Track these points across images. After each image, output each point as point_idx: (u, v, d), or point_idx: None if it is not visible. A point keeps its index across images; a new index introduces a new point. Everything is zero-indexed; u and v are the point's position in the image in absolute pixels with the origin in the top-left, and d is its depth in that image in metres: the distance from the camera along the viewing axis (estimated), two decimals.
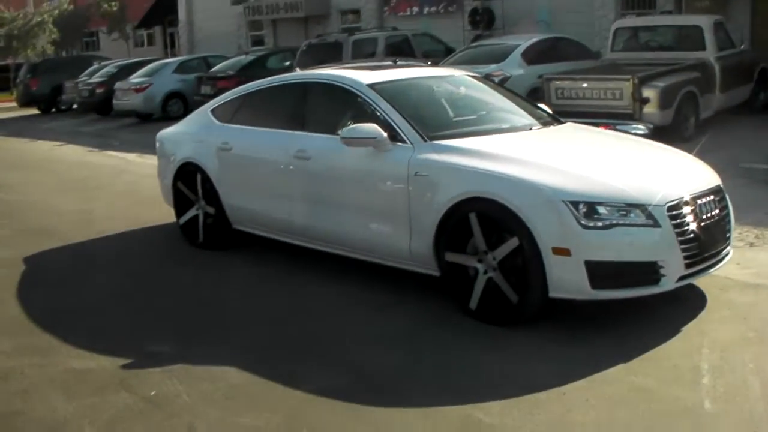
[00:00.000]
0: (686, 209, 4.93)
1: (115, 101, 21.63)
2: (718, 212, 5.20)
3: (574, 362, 4.48)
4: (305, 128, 6.43)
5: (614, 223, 4.74)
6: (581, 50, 15.18)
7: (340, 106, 6.40)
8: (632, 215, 4.78)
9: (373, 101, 5.96)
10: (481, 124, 6.23)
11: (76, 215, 9.40)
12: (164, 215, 8.35)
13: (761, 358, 4.44)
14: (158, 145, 8.20)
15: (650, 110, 10.66)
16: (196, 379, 4.53)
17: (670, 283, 4.84)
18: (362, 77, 6.26)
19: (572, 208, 4.74)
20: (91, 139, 18.70)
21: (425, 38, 18.89)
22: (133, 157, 14.86)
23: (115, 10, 38.63)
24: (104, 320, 5.65)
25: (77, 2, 43.20)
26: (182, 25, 32.50)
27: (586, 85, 11.27)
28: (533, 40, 14.66)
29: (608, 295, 4.84)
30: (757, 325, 4.93)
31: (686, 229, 4.87)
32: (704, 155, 6.14)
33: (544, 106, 7.14)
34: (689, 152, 6.07)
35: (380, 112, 5.86)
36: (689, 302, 5.29)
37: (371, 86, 6.08)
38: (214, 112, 7.50)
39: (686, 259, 4.87)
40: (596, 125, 7.30)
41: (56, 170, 13.77)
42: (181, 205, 7.66)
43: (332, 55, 15.81)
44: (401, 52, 16.42)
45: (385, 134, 5.62)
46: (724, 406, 3.92)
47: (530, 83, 12.87)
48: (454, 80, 6.98)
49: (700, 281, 5.38)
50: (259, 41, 29.02)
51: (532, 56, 13.93)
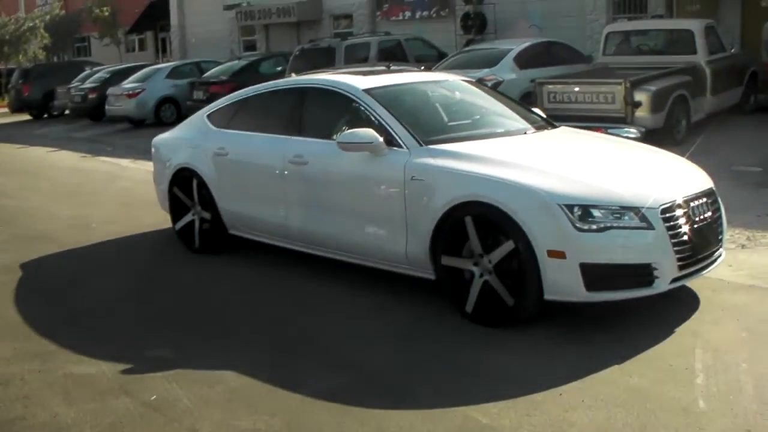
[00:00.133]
0: (679, 212, 4.97)
1: (107, 107, 21.56)
2: (710, 215, 5.25)
3: (570, 363, 4.51)
4: (301, 133, 6.46)
5: (608, 225, 4.78)
6: (573, 54, 15.25)
7: (336, 111, 6.44)
8: (626, 218, 4.82)
9: (369, 106, 5.99)
10: (476, 128, 6.27)
11: (72, 221, 9.40)
12: (160, 220, 8.36)
13: (754, 357, 4.48)
14: (154, 150, 8.21)
15: (642, 114, 10.71)
16: (195, 383, 4.54)
17: (663, 284, 4.88)
18: (358, 82, 6.29)
19: (567, 211, 4.79)
20: (83, 144, 18.66)
21: (418, 43, 18.95)
22: (126, 162, 14.85)
23: (106, 15, 38.52)
24: (103, 325, 5.67)
25: (68, 7, 43.12)
26: (174, 30, 32.45)
27: (578, 89, 11.31)
28: (525, 44, 14.70)
29: (603, 297, 4.88)
30: (749, 325, 4.97)
31: (679, 231, 4.92)
32: (696, 158, 6.20)
33: (537, 110, 7.18)
34: (681, 155, 6.12)
35: (376, 117, 5.89)
36: (683, 304, 5.33)
37: (367, 91, 6.12)
38: (210, 117, 7.52)
39: (679, 261, 4.91)
40: (589, 129, 7.35)
41: (51, 176, 13.75)
42: (177, 210, 7.67)
43: (325, 60, 15.85)
44: (394, 56, 16.47)
45: (381, 139, 5.66)
46: (717, 405, 3.95)
47: (523, 87, 12.92)
48: (448, 85, 7.00)
49: (693, 283, 5.42)
50: (251, 46, 29.00)
51: (524, 60, 13.98)
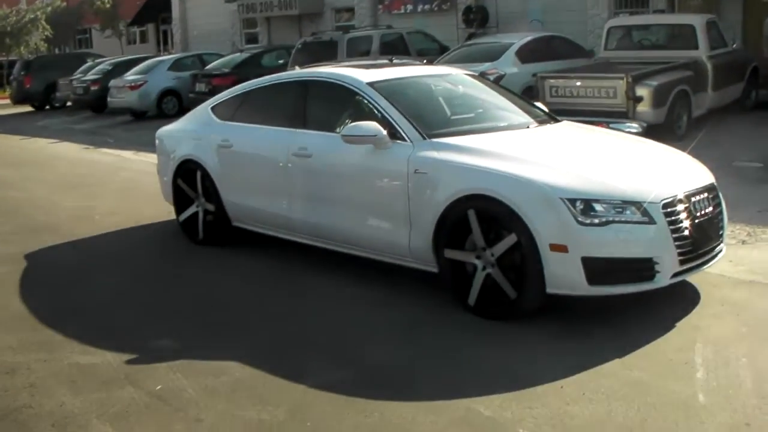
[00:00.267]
0: (680, 207, 5.00)
1: (109, 99, 21.59)
2: (711, 210, 5.27)
3: (571, 357, 4.55)
4: (305, 126, 6.48)
5: (610, 220, 4.81)
6: (575, 49, 15.26)
7: (340, 104, 6.46)
8: (628, 212, 4.85)
9: (372, 99, 6.02)
10: (478, 122, 6.30)
11: (76, 212, 9.43)
12: (164, 212, 8.39)
13: (753, 352, 4.52)
14: (158, 142, 8.24)
15: (643, 108, 10.72)
16: (200, 373, 4.57)
17: (664, 279, 4.92)
18: (362, 76, 6.32)
19: (569, 205, 4.81)
20: (85, 136, 18.66)
21: (419, 36, 18.96)
22: (129, 154, 14.86)
23: (107, 7, 38.55)
24: (108, 316, 5.70)
25: None
26: (176, 22, 32.42)
27: (579, 83, 11.32)
28: (527, 38, 14.71)
29: (604, 290, 4.91)
30: (749, 320, 5.00)
31: (680, 226, 4.95)
32: (697, 153, 6.21)
33: (540, 104, 7.21)
34: (682, 150, 6.14)
35: (380, 110, 5.92)
36: (683, 298, 5.35)
37: (371, 84, 6.14)
38: (214, 109, 7.54)
39: (680, 255, 4.94)
40: (590, 124, 7.38)
41: (54, 167, 13.77)
42: (180, 202, 7.70)
43: (327, 53, 15.83)
44: (396, 50, 16.45)
45: (384, 132, 5.68)
46: (717, 399, 3.99)
47: (524, 81, 12.92)
48: (451, 79, 7.01)
49: (693, 278, 5.45)
50: (253, 39, 28.97)
51: (526, 55, 13.98)
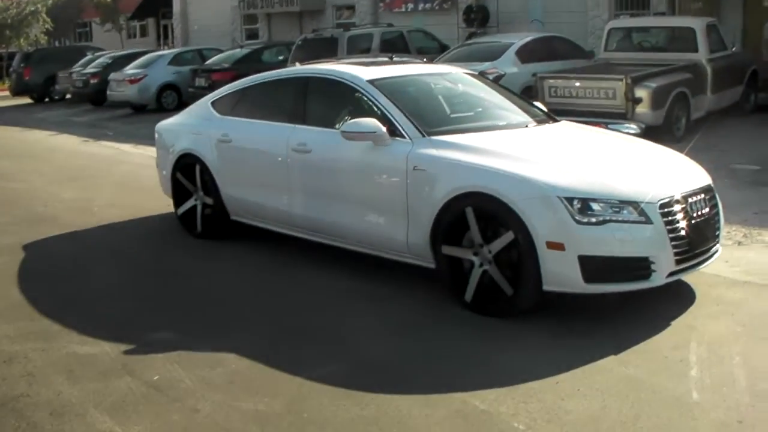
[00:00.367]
0: (677, 207, 5.03)
1: (109, 92, 21.63)
2: (708, 211, 5.30)
3: (567, 353, 4.58)
4: (305, 122, 6.50)
5: (607, 219, 4.85)
6: (575, 49, 15.29)
7: (340, 100, 6.48)
8: (625, 212, 4.88)
9: (372, 96, 6.04)
10: (478, 120, 6.32)
11: (74, 204, 9.45)
12: (162, 205, 8.41)
13: (747, 351, 4.55)
14: (157, 136, 8.25)
15: (642, 110, 10.75)
16: (197, 364, 4.60)
17: (660, 278, 4.95)
18: (362, 73, 6.34)
19: (567, 203, 4.85)
20: (84, 129, 18.66)
21: (420, 35, 18.98)
22: (128, 147, 14.85)
23: (108, 1, 38.53)
24: (106, 307, 5.72)
25: None
26: (176, 17, 32.41)
27: (579, 84, 11.35)
28: (527, 38, 14.74)
29: (601, 288, 4.95)
30: (744, 320, 5.04)
31: (677, 226, 4.98)
32: (695, 155, 6.24)
33: (539, 104, 7.24)
34: (680, 152, 6.18)
35: (379, 107, 5.95)
36: (679, 297, 5.38)
37: (371, 82, 6.17)
38: (214, 104, 7.56)
39: (676, 255, 4.97)
40: (589, 124, 7.40)
41: (52, 159, 13.78)
42: (179, 195, 7.72)
43: (327, 50, 15.84)
44: (396, 48, 16.48)
45: (384, 129, 5.71)
46: (711, 396, 4.02)
47: (524, 81, 12.96)
48: (451, 77, 7.03)
49: (689, 277, 5.49)
50: (253, 35, 28.98)
51: (526, 55, 14.01)
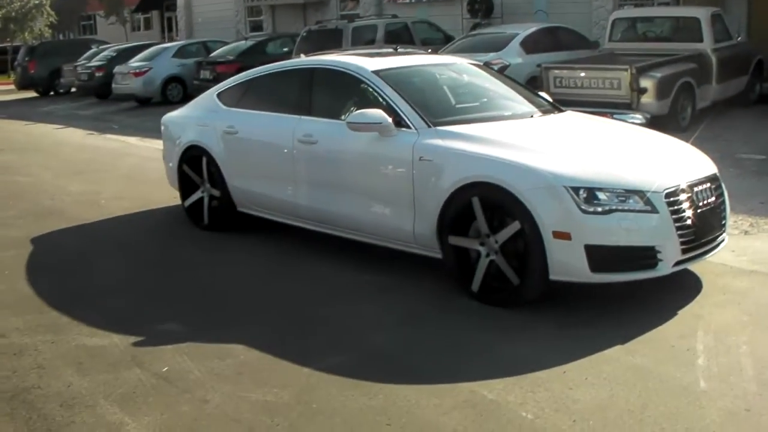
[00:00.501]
0: (683, 196, 5.03)
1: (114, 85, 21.64)
2: (714, 200, 5.31)
3: (574, 343, 4.59)
4: (311, 113, 6.51)
5: (613, 208, 4.85)
6: (579, 40, 15.27)
7: (345, 91, 6.49)
8: (631, 201, 4.89)
9: (378, 87, 6.05)
10: (483, 111, 6.32)
11: (81, 197, 9.47)
12: (169, 197, 8.44)
13: (754, 340, 4.57)
14: (163, 128, 8.27)
15: (647, 100, 10.75)
16: (206, 356, 4.62)
17: (666, 267, 4.96)
18: (367, 64, 6.35)
19: (573, 193, 4.85)
20: (90, 122, 18.68)
21: (424, 26, 18.95)
22: (134, 140, 14.87)
23: None
24: (114, 299, 5.74)
25: None
26: (180, 9, 32.38)
27: (584, 74, 11.35)
28: (532, 29, 14.74)
29: (607, 278, 4.96)
30: (750, 309, 5.04)
31: (683, 215, 4.98)
32: (700, 145, 6.24)
33: (544, 94, 7.24)
34: (686, 142, 6.18)
35: (385, 98, 5.95)
36: (685, 287, 5.40)
37: (376, 73, 6.17)
38: (219, 96, 7.56)
39: (683, 244, 4.98)
40: (595, 114, 7.40)
41: (59, 153, 13.79)
42: (186, 187, 7.74)
43: (332, 41, 15.83)
44: (400, 39, 16.44)
45: (390, 120, 5.71)
46: (718, 385, 4.03)
47: (529, 72, 12.97)
48: (456, 68, 7.03)
49: (695, 267, 5.51)
50: (257, 27, 28.97)
51: (530, 45, 14.01)
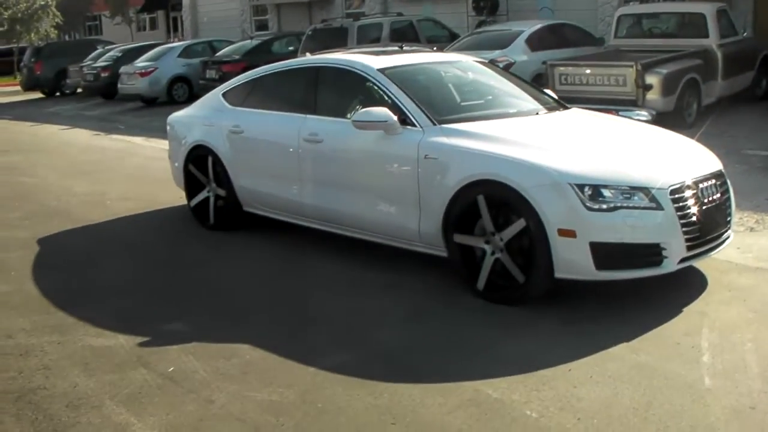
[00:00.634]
0: (688, 193, 5.03)
1: (120, 85, 21.67)
2: (719, 196, 5.29)
3: (578, 341, 4.59)
4: (316, 112, 6.51)
5: (618, 205, 4.84)
6: (585, 37, 15.24)
7: (350, 90, 6.49)
8: (636, 198, 4.88)
9: (383, 86, 6.05)
10: (488, 108, 6.32)
11: (87, 197, 9.50)
12: (175, 197, 8.45)
13: (760, 337, 4.55)
14: (169, 128, 8.29)
15: (653, 96, 10.72)
16: (211, 356, 4.63)
17: (671, 264, 4.95)
18: (373, 62, 6.35)
19: (578, 190, 4.85)
20: (96, 123, 18.73)
21: (429, 24, 18.93)
22: (139, 140, 14.91)
23: None
24: (120, 299, 5.76)
25: None
26: (186, 9, 32.44)
27: (589, 71, 11.32)
28: (537, 26, 14.71)
29: (612, 275, 4.96)
30: (756, 306, 5.03)
31: (688, 212, 4.97)
32: (706, 141, 6.22)
33: (549, 91, 7.23)
34: (691, 138, 6.17)
35: (390, 96, 5.96)
36: (690, 284, 5.38)
37: (381, 71, 6.18)
38: (225, 95, 7.58)
39: (688, 241, 4.97)
40: (600, 111, 7.39)
41: (65, 153, 13.83)
42: (192, 187, 7.75)
43: (337, 40, 15.84)
44: (406, 37, 16.46)
45: (395, 118, 5.72)
46: (723, 382, 4.03)
47: (534, 69, 12.95)
48: (461, 65, 7.03)
49: (701, 264, 5.49)
50: (263, 26, 28.99)
51: (536, 42, 13.99)
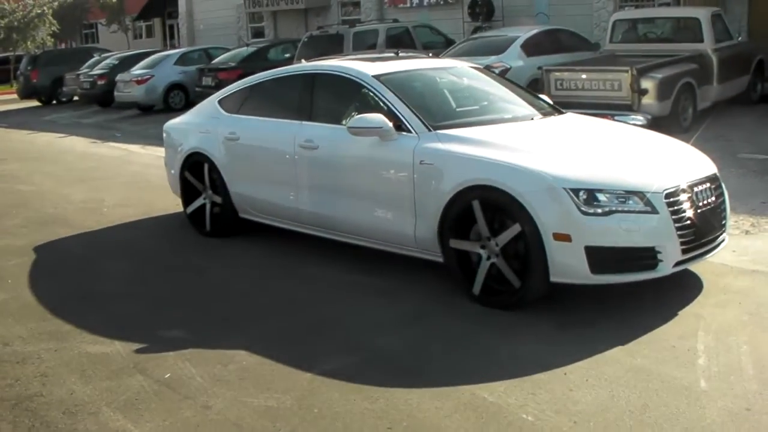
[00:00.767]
0: (683, 196, 5.04)
1: (116, 93, 21.69)
2: (714, 200, 5.31)
3: (574, 344, 4.60)
4: (312, 118, 6.53)
5: (613, 209, 4.86)
6: (580, 42, 15.29)
7: (346, 96, 6.51)
8: (631, 202, 4.89)
9: (378, 92, 6.07)
10: (483, 114, 6.34)
11: (84, 204, 9.51)
12: (171, 204, 8.47)
13: (755, 340, 4.57)
14: (165, 135, 8.29)
15: (648, 101, 10.75)
16: (208, 362, 4.64)
17: (667, 268, 4.96)
18: (368, 68, 6.37)
19: (573, 195, 4.86)
20: (93, 130, 18.73)
21: (425, 30, 18.96)
22: (136, 148, 14.92)
23: (113, 1, 38.67)
24: (116, 306, 5.77)
25: None
26: (182, 16, 32.49)
27: (585, 76, 11.35)
28: (533, 31, 14.75)
29: (607, 279, 4.96)
30: (751, 309, 5.04)
31: (683, 215, 4.99)
32: (702, 145, 6.24)
33: (544, 96, 7.25)
34: (687, 142, 6.19)
35: (386, 102, 5.97)
36: (686, 287, 5.40)
37: (377, 77, 6.19)
38: (221, 102, 7.59)
39: (683, 245, 4.98)
40: (596, 116, 7.41)
41: (62, 161, 13.83)
42: (188, 194, 7.76)
43: (333, 46, 15.87)
44: (402, 43, 16.48)
45: (390, 124, 5.73)
46: (718, 384, 4.04)
47: (530, 74, 12.99)
48: (456, 71, 7.05)
49: (696, 267, 5.51)
50: (259, 33, 29.05)
51: (531, 48, 14.02)
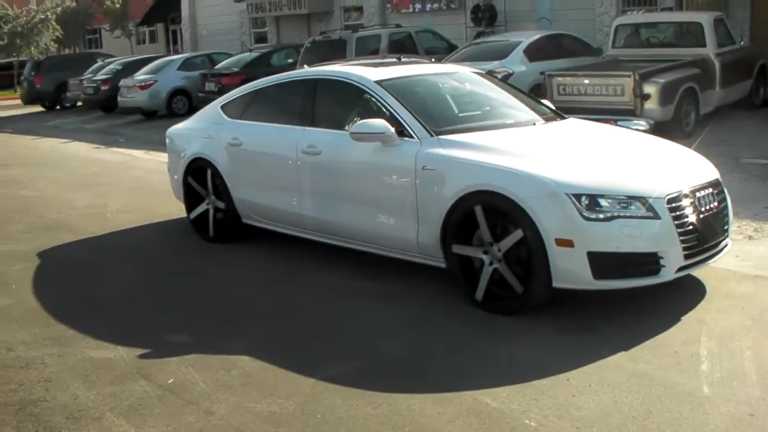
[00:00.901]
0: (685, 202, 5.04)
1: (120, 98, 21.69)
2: (716, 205, 5.31)
3: (577, 350, 4.60)
4: (314, 124, 6.55)
5: (616, 215, 4.86)
6: (583, 47, 15.29)
7: (348, 102, 6.52)
8: (633, 207, 4.90)
9: (381, 97, 6.08)
10: (485, 119, 6.35)
11: (88, 210, 9.53)
12: (175, 210, 8.49)
13: (758, 345, 4.57)
14: (168, 141, 8.32)
15: (651, 106, 10.74)
16: (211, 367, 4.65)
17: (669, 273, 4.96)
18: (370, 74, 6.38)
19: (575, 200, 4.87)
20: (96, 136, 18.78)
21: (428, 35, 18.97)
22: (140, 153, 14.96)
23: (117, 7, 38.77)
24: (120, 312, 5.78)
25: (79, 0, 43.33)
26: (185, 22, 32.54)
27: (587, 81, 11.34)
28: (535, 36, 14.74)
29: (610, 285, 4.97)
30: (754, 314, 5.04)
31: (685, 221, 4.99)
32: (704, 150, 6.26)
33: (546, 102, 7.26)
34: (689, 147, 6.19)
35: (388, 108, 5.98)
36: (689, 292, 5.40)
37: (379, 83, 6.20)
38: (223, 108, 7.61)
39: (685, 250, 4.98)
40: (598, 121, 7.42)
41: (65, 167, 13.86)
42: (191, 200, 7.78)
43: (336, 52, 15.89)
44: (404, 48, 16.50)
45: (392, 129, 5.74)
46: (721, 390, 4.04)
47: (532, 79, 12.99)
48: (458, 77, 7.06)
49: (699, 272, 5.50)
50: (262, 38, 29.08)
51: (534, 53, 14.02)
